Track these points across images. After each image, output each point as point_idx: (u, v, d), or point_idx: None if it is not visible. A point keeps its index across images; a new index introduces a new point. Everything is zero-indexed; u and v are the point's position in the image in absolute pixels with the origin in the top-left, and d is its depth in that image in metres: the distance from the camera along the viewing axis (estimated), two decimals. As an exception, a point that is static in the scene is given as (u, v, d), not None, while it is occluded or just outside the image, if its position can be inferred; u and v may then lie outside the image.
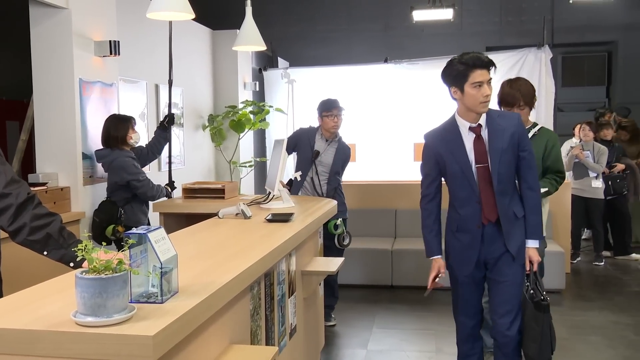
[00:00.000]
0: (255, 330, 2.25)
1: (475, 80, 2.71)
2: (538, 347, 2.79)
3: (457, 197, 2.87)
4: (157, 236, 1.64)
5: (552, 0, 9.08)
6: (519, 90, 3.47)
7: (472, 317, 2.97)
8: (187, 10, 3.55)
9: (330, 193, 4.46)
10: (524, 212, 2.84)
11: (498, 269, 2.84)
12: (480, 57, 2.77)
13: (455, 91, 2.80)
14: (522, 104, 3.46)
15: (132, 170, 3.95)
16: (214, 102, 7.19)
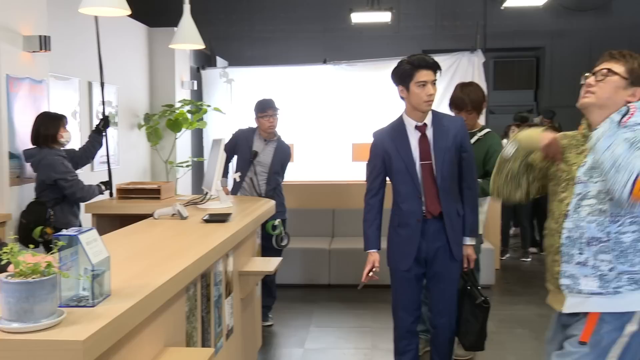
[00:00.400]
0: (191, 332, 2.23)
1: (419, 79, 2.88)
2: (475, 339, 2.98)
3: (400, 192, 3.00)
4: (89, 238, 1.61)
5: (484, 7, 9.41)
6: (468, 96, 3.62)
7: (411, 313, 3.05)
8: (122, 6, 3.47)
9: (269, 193, 4.47)
10: (464, 211, 2.98)
11: (437, 265, 2.97)
12: (425, 59, 2.94)
13: (402, 90, 2.96)
14: (470, 109, 3.61)
15: (61, 169, 3.81)
16: (150, 100, 7.04)
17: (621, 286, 1.97)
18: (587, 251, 2.00)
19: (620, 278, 1.96)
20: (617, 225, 1.95)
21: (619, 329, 1.97)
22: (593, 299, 2.00)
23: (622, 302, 1.98)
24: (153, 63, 7.05)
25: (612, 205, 1.94)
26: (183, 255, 2.17)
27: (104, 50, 5.95)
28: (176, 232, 2.73)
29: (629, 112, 1.96)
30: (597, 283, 1.98)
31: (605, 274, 1.97)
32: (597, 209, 1.97)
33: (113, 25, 5.86)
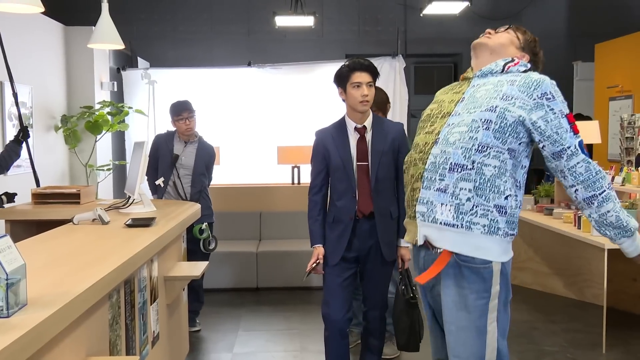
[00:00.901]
0: (115, 341, 2.17)
1: (354, 80, 3.02)
2: (407, 337, 3.06)
3: (336, 189, 3.10)
4: (2, 245, 1.53)
5: (404, 14, 9.68)
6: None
7: (339, 311, 3.07)
8: (36, 3, 3.31)
9: (194, 196, 4.40)
10: (398, 213, 3.06)
11: (370, 264, 3.07)
12: (360, 61, 3.09)
13: (341, 92, 3.10)
14: (375, 109, 3.73)
15: None
16: (67, 101, 6.76)
17: (475, 222, 1.96)
18: (448, 177, 1.99)
19: (475, 212, 1.96)
20: (482, 155, 1.97)
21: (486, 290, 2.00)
22: (447, 233, 1.99)
23: (473, 241, 1.97)
24: (70, 63, 6.77)
25: (484, 135, 1.98)
26: (105, 261, 2.10)
27: (16, 49, 5.66)
28: (97, 238, 2.64)
29: (514, 61, 2.14)
30: (453, 213, 1.97)
31: (462, 204, 1.96)
32: (468, 137, 1.99)
33: (26, 23, 5.59)
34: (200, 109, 7.16)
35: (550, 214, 5.13)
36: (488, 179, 1.96)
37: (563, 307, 5.04)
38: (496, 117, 1.98)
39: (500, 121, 1.98)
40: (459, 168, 1.98)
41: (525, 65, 2.16)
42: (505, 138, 1.98)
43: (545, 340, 4.26)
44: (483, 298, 2.00)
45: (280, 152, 6.53)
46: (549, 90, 2.00)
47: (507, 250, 2.04)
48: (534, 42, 2.26)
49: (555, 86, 2.04)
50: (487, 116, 1.99)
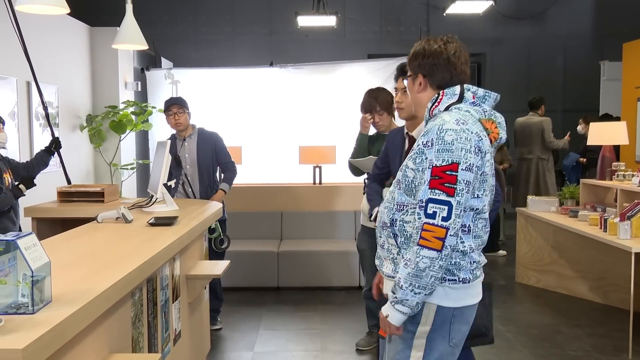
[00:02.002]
0: (137, 338, 2.19)
1: (395, 87, 3.14)
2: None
3: None
4: (28, 243, 1.55)
5: (427, 13, 9.62)
6: (375, 98, 3.78)
7: None
8: (61, 4, 3.36)
9: (202, 194, 4.40)
10: None
11: None
12: (399, 67, 3.12)
13: None
14: (380, 109, 3.77)
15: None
16: (92, 101, 6.85)
17: None
18: (382, 235, 2.02)
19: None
20: (400, 214, 1.94)
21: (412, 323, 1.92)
22: (390, 282, 1.98)
23: None
24: (95, 63, 6.87)
25: (398, 194, 1.95)
26: (127, 260, 2.12)
27: (42, 50, 5.76)
28: (120, 236, 2.67)
29: (438, 99, 1.97)
30: (392, 266, 1.98)
31: (395, 257, 1.97)
32: (392, 196, 1.99)
33: (52, 24, 5.68)
34: (222, 108, 7.30)
35: (575, 216, 5.05)
36: (410, 234, 1.90)
37: (588, 311, 4.96)
38: (402, 176, 1.94)
39: (405, 180, 1.93)
40: (385, 226, 2.00)
41: (451, 95, 1.95)
42: (415, 195, 1.89)
43: (570, 344, 4.20)
44: (408, 332, 1.93)
45: (302, 152, 6.54)
46: (432, 137, 1.84)
47: (448, 295, 1.89)
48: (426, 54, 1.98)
49: (444, 132, 1.82)
50: (398, 176, 1.98)
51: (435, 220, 1.79)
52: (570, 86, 9.75)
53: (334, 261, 5.54)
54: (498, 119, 1.96)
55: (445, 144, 1.81)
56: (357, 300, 4.98)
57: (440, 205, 1.79)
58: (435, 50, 1.97)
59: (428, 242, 1.80)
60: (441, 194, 1.79)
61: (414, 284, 1.83)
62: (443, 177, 1.80)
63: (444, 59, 1.96)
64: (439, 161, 1.81)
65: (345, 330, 4.45)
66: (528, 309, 5.09)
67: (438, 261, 1.80)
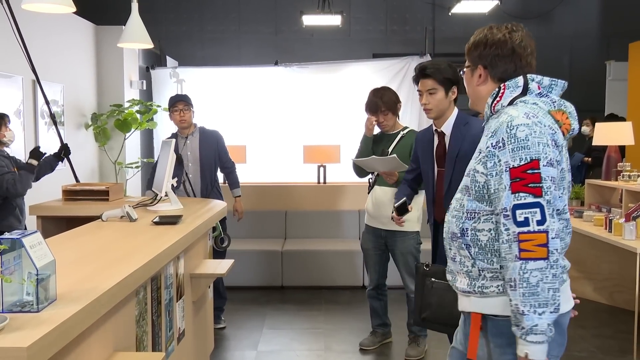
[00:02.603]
0: (141, 336, 2.19)
1: (418, 88, 3.12)
2: None
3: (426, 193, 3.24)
4: (33, 241, 1.56)
5: (433, 13, 9.60)
6: (380, 98, 3.77)
7: None
8: (67, 3, 3.37)
9: (204, 192, 4.39)
10: None
11: None
12: (419, 67, 3.12)
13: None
14: (385, 109, 3.78)
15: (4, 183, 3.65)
16: (97, 100, 6.87)
17: (487, 286, 1.76)
18: (453, 247, 1.85)
19: (484, 276, 1.76)
20: (472, 222, 1.77)
21: (509, 345, 1.70)
22: (470, 297, 1.81)
23: (492, 302, 1.76)
24: (100, 62, 6.88)
25: (468, 202, 1.78)
26: (132, 258, 2.13)
27: (48, 48, 5.78)
28: (125, 235, 2.67)
29: (499, 93, 1.80)
30: (467, 280, 1.80)
31: (470, 270, 1.79)
32: (459, 204, 1.82)
33: (58, 23, 5.69)
34: (227, 107, 7.31)
35: (580, 216, 5.03)
36: (485, 244, 1.74)
37: (592, 312, 4.94)
38: (470, 181, 1.78)
39: (474, 185, 1.76)
40: (455, 237, 1.82)
41: (515, 87, 1.79)
42: (490, 200, 1.73)
43: (574, 345, 4.18)
44: (507, 354, 1.73)
45: (306, 151, 6.54)
46: (502, 136, 1.67)
47: None
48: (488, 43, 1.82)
49: (515, 128, 1.65)
50: (465, 182, 1.82)
51: (530, 227, 1.60)
52: (576, 86, 9.66)
53: (338, 260, 5.54)
54: (568, 108, 1.79)
55: (519, 142, 1.63)
56: (361, 299, 4.98)
57: (530, 209, 1.60)
58: (499, 40, 1.82)
59: (531, 252, 1.59)
60: (527, 197, 1.61)
61: (533, 303, 1.60)
62: (525, 178, 1.62)
63: (508, 49, 1.81)
64: (515, 161, 1.63)
65: (349, 330, 4.45)
66: (532, 309, 5.07)
67: (549, 270, 1.59)
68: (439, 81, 2.99)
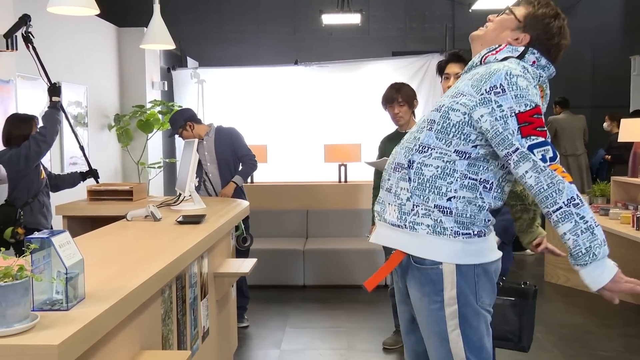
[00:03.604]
0: (167, 335, 2.21)
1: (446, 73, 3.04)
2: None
3: None
4: (62, 240, 1.58)
5: (452, 10, 9.53)
6: (397, 91, 3.79)
7: None
8: (91, 5, 3.41)
9: None
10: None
11: None
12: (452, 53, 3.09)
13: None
14: (401, 100, 3.78)
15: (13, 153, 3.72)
16: (120, 101, 6.95)
17: (418, 223, 1.82)
18: (392, 177, 1.90)
19: (417, 212, 1.82)
20: (422, 156, 1.83)
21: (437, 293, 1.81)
22: (397, 233, 1.86)
23: (420, 241, 1.82)
24: (123, 63, 6.96)
25: (426, 136, 1.84)
26: (157, 258, 2.14)
27: (72, 50, 5.85)
28: (150, 234, 2.70)
29: (497, 48, 1.89)
30: (397, 213, 1.85)
31: (404, 204, 1.84)
32: (413, 137, 1.88)
33: (81, 25, 5.77)
34: (247, 107, 7.34)
35: (606, 214, 4.96)
36: (427, 179, 1.81)
37: (619, 311, 4.86)
38: (439, 117, 1.82)
39: (443, 121, 1.81)
40: (400, 167, 1.87)
41: (513, 50, 1.87)
42: (449, 139, 1.79)
43: (601, 345, 4.12)
44: (435, 302, 1.82)
45: (327, 150, 6.53)
46: (500, 82, 1.73)
47: (466, 251, 1.81)
48: (544, 15, 1.89)
49: (515, 77, 1.73)
50: (432, 116, 1.84)
51: (551, 162, 1.70)
52: (599, 82, 9.57)
53: (359, 259, 5.53)
54: (546, 90, 1.89)
55: (521, 90, 1.72)
56: (383, 298, 4.96)
57: (542, 147, 1.70)
58: (557, 13, 1.91)
59: (566, 176, 1.70)
60: (537, 138, 1.70)
61: (588, 223, 1.70)
62: (533, 122, 1.71)
63: (557, 25, 1.90)
64: (521, 107, 1.71)
65: (372, 329, 4.44)
66: (557, 308, 5.01)
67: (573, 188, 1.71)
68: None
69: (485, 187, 1.82)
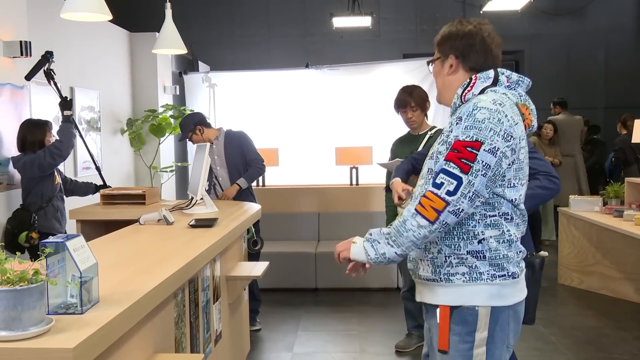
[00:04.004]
0: (180, 338, 2.22)
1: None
2: None
3: None
4: (76, 244, 1.59)
5: (463, 11, 9.50)
6: (410, 94, 3.77)
7: None
8: (104, 11, 3.44)
9: (236, 195, 4.41)
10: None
11: None
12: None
13: None
14: (414, 105, 3.76)
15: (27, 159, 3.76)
16: (132, 105, 6.99)
17: (452, 273, 1.80)
18: None
19: (450, 262, 1.80)
20: None
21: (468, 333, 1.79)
22: (433, 287, 1.85)
23: (457, 291, 1.80)
24: (135, 68, 7.01)
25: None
26: (170, 261, 2.16)
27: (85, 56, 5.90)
28: (162, 238, 2.72)
29: (470, 83, 1.85)
30: (430, 267, 1.84)
31: (435, 257, 1.82)
32: (424, 188, 1.81)
33: (94, 31, 5.82)
34: (258, 111, 7.36)
35: (620, 215, 4.91)
36: (453, 228, 1.77)
37: (634, 314, 4.81)
38: (433, 164, 1.79)
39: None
40: None
41: (485, 78, 1.84)
42: None
43: (615, 347, 4.08)
44: (466, 342, 1.80)
45: (338, 153, 6.53)
46: (462, 114, 1.74)
47: (501, 294, 1.79)
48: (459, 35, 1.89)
49: (477, 110, 1.72)
50: (429, 165, 1.83)
51: (439, 191, 1.70)
52: (613, 82, 9.49)
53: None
54: (531, 105, 1.88)
55: (475, 122, 1.71)
56: (395, 301, 4.95)
57: (450, 178, 1.70)
58: (470, 31, 1.88)
59: (424, 209, 1.71)
60: (455, 168, 1.70)
61: (393, 237, 1.77)
62: (462, 152, 1.70)
63: (479, 40, 1.87)
64: (463, 136, 1.71)
65: (384, 332, 4.43)
66: (571, 311, 4.97)
67: (424, 231, 1.72)
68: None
69: (507, 219, 1.80)
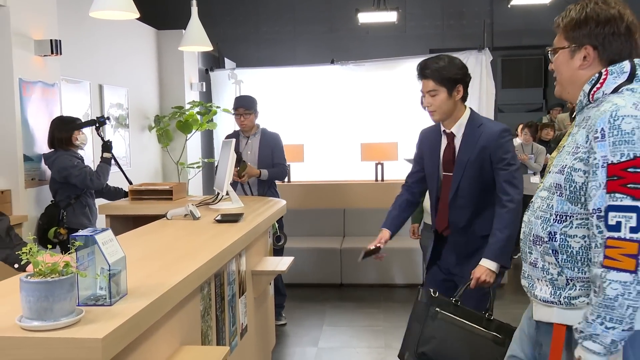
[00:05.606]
0: (206, 331, 2.25)
1: (421, 89, 2.74)
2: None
3: (430, 198, 2.89)
4: (105, 238, 1.63)
5: (491, 5, 9.40)
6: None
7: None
8: (132, 9, 3.49)
9: (260, 191, 4.45)
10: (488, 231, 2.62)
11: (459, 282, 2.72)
12: (419, 66, 2.75)
13: None
14: None
15: (68, 164, 3.85)
16: (160, 102, 7.09)
17: (575, 297, 1.60)
18: (535, 251, 1.68)
19: (573, 285, 1.61)
20: (562, 226, 1.60)
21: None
22: (553, 308, 1.65)
23: (581, 313, 1.57)
24: (162, 65, 7.10)
25: (558, 202, 1.60)
26: (196, 255, 2.19)
27: (114, 54, 6.00)
28: (189, 232, 2.75)
29: (600, 79, 1.58)
30: (549, 289, 1.65)
31: (555, 279, 1.63)
32: (547, 204, 1.63)
33: (122, 29, 5.91)
34: (284, 107, 7.39)
35: None
36: (577, 252, 1.58)
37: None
38: (564, 180, 1.58)
39: (569, 185, 1.57)
40: (540, 241, 1.65)
41: (618, 73, 1.56)
42: (584, 203, 1.55)
43: None
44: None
45: (364, 149, 6.53)
46: (602, 126, 1.47)
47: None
48: (600, 20, 1.58)
49: (620, 119, 1.45)
50: (557, 179, 1.60)
51: (621, 233, 1.43)
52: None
53: (396, 258, 5.51)
54: None
55: (623, 134, 1.44)
56: (420, 297, 4.93)
57: (625, 212, 1.43)
58: (614, 16, 1.58)
59: (616, 262, 1.43)
60: (624, 198, 1.43)
61: (604, 315, 1.45)
62: (625, 177, 1.43)
63: (625, 27, 1.58)
64: (615, 157, 1.44)
65: (409, 328, 4.42)
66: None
67: (634, 286, 1.42)
68: (439, 82, 2.65)
69: None
